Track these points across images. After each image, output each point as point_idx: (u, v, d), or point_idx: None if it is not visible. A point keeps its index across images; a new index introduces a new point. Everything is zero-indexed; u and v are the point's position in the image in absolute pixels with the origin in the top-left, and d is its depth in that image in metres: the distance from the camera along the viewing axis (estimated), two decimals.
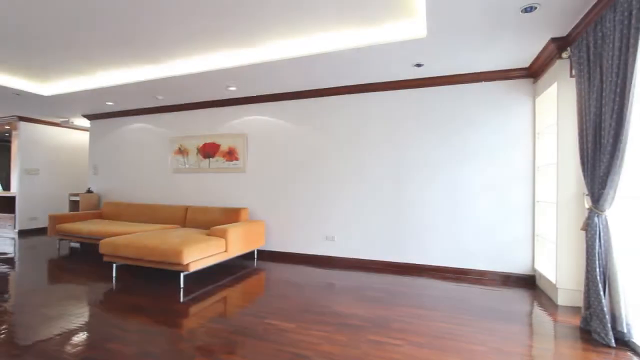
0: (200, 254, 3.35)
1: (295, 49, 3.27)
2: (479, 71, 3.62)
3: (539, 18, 2.49)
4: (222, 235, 3.73)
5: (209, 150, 5.05)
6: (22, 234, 6.37)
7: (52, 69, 4.01)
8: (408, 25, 2.83)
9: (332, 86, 4.23)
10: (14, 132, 6.67)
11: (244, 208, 4.55)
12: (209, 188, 5.09)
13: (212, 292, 3.17)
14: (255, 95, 4.67)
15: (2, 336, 2.24)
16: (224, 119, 5.00)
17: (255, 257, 4.60)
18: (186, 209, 4.91)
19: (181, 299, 2.98)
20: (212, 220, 4.55)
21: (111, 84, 4.27)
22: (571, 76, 2.76)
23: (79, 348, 2.09)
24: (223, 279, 3.60)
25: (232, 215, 4.47)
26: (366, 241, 4.14)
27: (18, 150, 6.50)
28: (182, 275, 3.33)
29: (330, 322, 2.49)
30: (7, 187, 8.29)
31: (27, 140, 6.58)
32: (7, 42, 3.25)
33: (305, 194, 4.46)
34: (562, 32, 2.72)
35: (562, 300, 2.86)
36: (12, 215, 6.45)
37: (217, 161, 4.99)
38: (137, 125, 5.75)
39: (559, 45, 2.81)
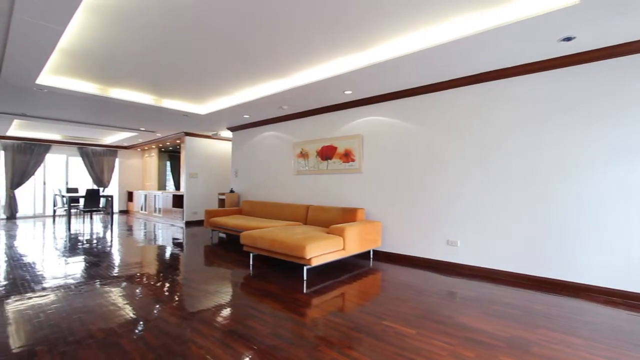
0: (320, 250, 3.59)
1: (409, 44, 3.16)
2: None
3: None
4: (340, 233, 3.90)
5: (326, 153, 5.36)
6: (188, 224, 8.08)
7: (206, 93, 4.97)
8: None
9: (448, 79, 3.92)
10: (182, 145, 8.55)
11: (361, 208, 4.64)
12: (327, 188, 5.39)
13: (332, 287, 3.34)
14: (369, 96, 4.72)
15: (177, 302, 2.89)
16: (340, 122, 5.23)
17: (371, 257, 4.64)
18: (307, 207, 5.33)
19: (304, 290, 3.25)
20: (330, 219, 4.81)
21: (247, 99, 5.01)
22: None
23: (227, 321, 2.52)
24: (341, 275, 3.76)
25: (349, 214, 4.63)
26: (495, 248, 3.66)
27: (184, 159, 8.29)
28: (305, 268, 3.64)
29: (454, 335, 2.30)
30: (177, 188, 10.73)
31: (190, 150, 8.32)
32: (178, 78, 4.19)
33: (423, 194, 4.25)
34: None
35: None
36: (181, 209, 8.25)
37: (335, 163, 5.25)
38: (267, 133, 6.57)
39: None
